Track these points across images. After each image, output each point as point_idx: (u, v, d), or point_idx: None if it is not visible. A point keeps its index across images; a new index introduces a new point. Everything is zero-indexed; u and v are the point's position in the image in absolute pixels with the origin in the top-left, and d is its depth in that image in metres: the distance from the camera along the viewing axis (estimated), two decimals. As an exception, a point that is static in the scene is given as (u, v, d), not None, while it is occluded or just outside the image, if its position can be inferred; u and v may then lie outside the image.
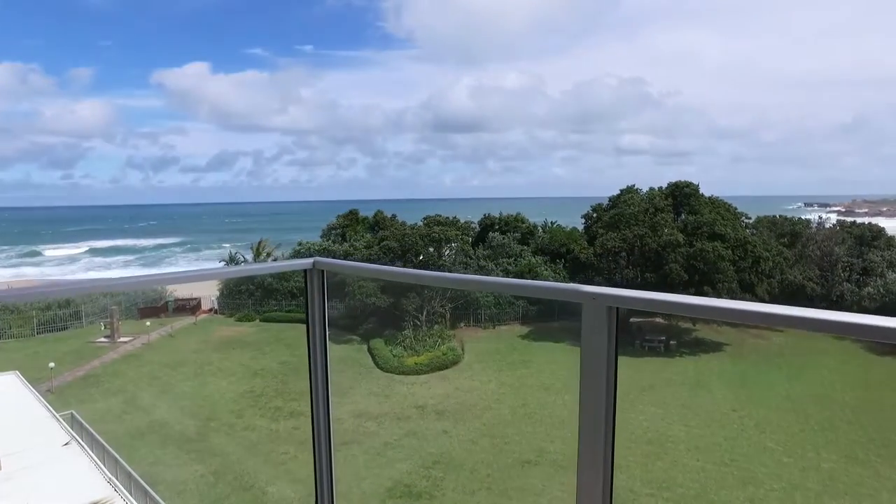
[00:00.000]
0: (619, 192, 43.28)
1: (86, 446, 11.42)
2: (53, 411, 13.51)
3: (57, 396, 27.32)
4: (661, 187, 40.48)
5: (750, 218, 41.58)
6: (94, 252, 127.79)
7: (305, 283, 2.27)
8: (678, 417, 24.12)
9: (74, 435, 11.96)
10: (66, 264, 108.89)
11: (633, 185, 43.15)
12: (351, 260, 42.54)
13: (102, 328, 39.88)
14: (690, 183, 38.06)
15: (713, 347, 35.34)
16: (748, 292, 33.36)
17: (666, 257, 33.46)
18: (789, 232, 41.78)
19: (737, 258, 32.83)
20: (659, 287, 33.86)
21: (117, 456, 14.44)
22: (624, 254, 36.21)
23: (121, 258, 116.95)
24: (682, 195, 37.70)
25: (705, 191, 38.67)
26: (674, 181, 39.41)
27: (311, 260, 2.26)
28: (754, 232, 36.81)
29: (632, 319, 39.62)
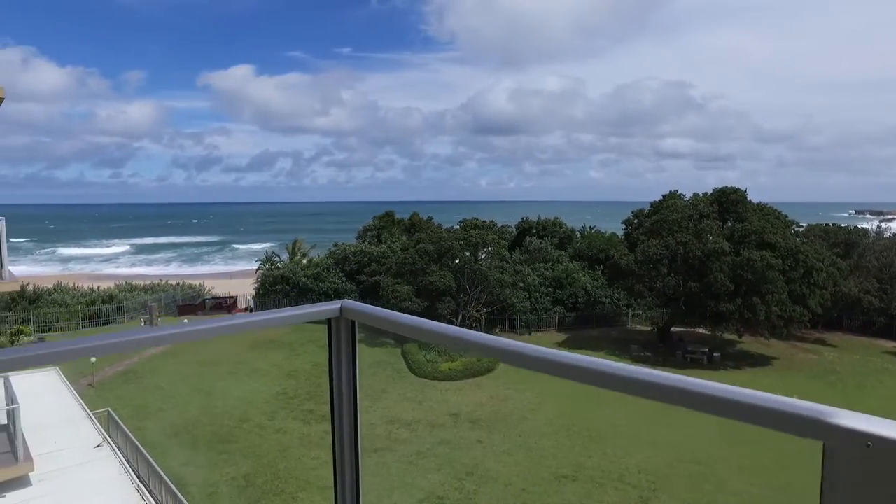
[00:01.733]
0: (661, 197, 41.93)
1: (117, 449, 11.24)
2: (88, 410, 13.44)
3: (97, 391, 27.81)
4: (705, 193, 38.96)
5: (801, 226, 39.69)
6: (137, 249, 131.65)
7: (329, 332, 1.72)
8: (722, 435, 22.87)
9: (107, 437, 11.81)
10: (111, 260, 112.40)
11: (677, 191, 41.74)
12: (386, 262, 42.33)
13: (142, 324, 40.63)
14: (738, 189, 36.48)
15: (760, 361, 33.76)
16: (799, 304, 31.68)
17: (710, 266, 32.04)
18: (844, 241, 39.72)
19: (787, 268, 31.20)
20: (703, 296, 32.48)
21: (149, 458, 14.32)
22: (665, 261, 34.90)
23: (163, 255, 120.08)
24: (728, 201, 36.14)
25: (750, 197, 37.05)
26: (720, 187, 37.88)
27: (337, 304, 1.72)
28: (805, 241, 35.00)
29: (674, 329, 38.29)
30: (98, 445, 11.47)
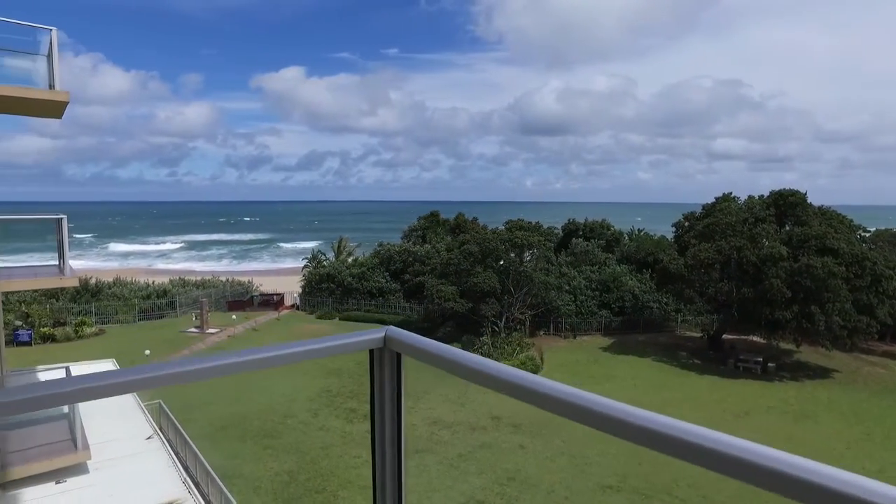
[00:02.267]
0: (713, 199, 40.46)
1: (166, 442, 11.52)
2: (141, 403, 13.86)
3: (150, 383, 28.85)
4: (761, 196, 37.40)
5: (868, 231, 37.56)
6: (190, 245, 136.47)
7: (372, 363, 1.56)
8: (780, 450, 21.82)
9: (157, 430, 12.13)
10: (166, 256, 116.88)
11: (730, 193, 40.21)
12: (430, 262, 42.34)
13: (193, 319, 41.98)
14: (797, 191, 34.82)
15: (819, 373, 32.09)
16: (866, 314, 29.94)
17: (766, 272, 30.65)
18: (916, 248, 37.36)
19: (852, 276, 29.54)
20: (758, 303, 31.11)
21: (197, 451, 14.67)
22: (717, 266, 33.62)
23: (214, 252, 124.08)
24: (786, 204, 34.55)
25: (811, 200, 35.29)
26: (777, 189, 36.27)
27: (381, 333, 1.56)
28: (873, 247, 33.11)
29: (725, 336, 36.87)
30: (149, 437, 11.80)
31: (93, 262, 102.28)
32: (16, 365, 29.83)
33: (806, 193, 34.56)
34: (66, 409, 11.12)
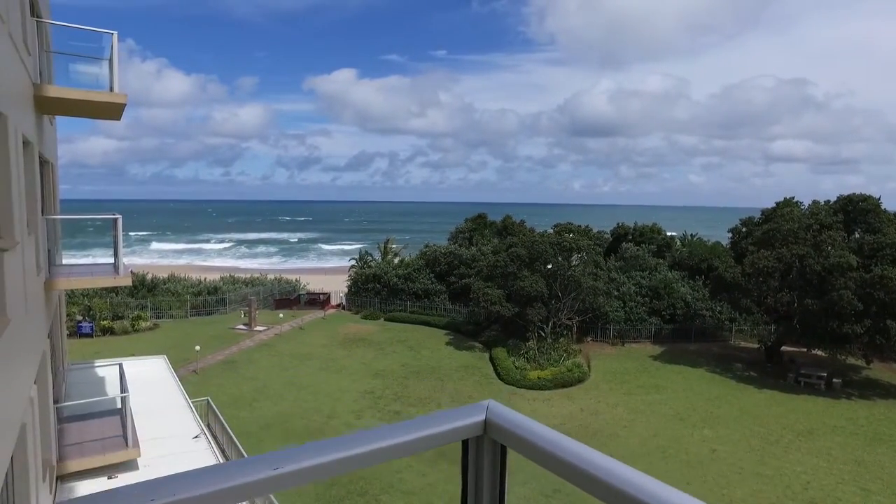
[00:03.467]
0: (773, 204, 38.58)
1: (212, 442, 11.54)
2: (189, 401, 14.00)
3: (200, 377, 29.51)
4: (827, 200, 35.38)
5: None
6: (241, 243, 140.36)
7: (465, 453, 1.19)
8: (851, 476, 20.41)
9: (204, 429, 12.18)
10: (218, 253, 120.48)
11: (792, 198, 38.26)
12: (476, 265, 41.91)
13: (242, 316, 42.87)
14: (869, 196, 32.73)
15: (893, 392, 30.01)
16: (945, 330, 27.82)
17: (833, 282, 28.86)
18: None
19: (931, 288, 27.46)
20: (823, 315, 29.34)
21: (242, 450, 14.72)
22: (777, 275, 31.90)
23: (263, 250, 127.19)
24: (856, 210, 32.52)
25: (884, 205, 33.11)
26: (845, 194, 34.20)
27: (480, 416, 1.20)
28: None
29: (784, 348, 35.01)
30: (196, 437, 11.85)
31: (149, 258, 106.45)
32: (78, 356, 31.09)
33: (880, 198, 32.45)
34: (118, 403, 11.28)
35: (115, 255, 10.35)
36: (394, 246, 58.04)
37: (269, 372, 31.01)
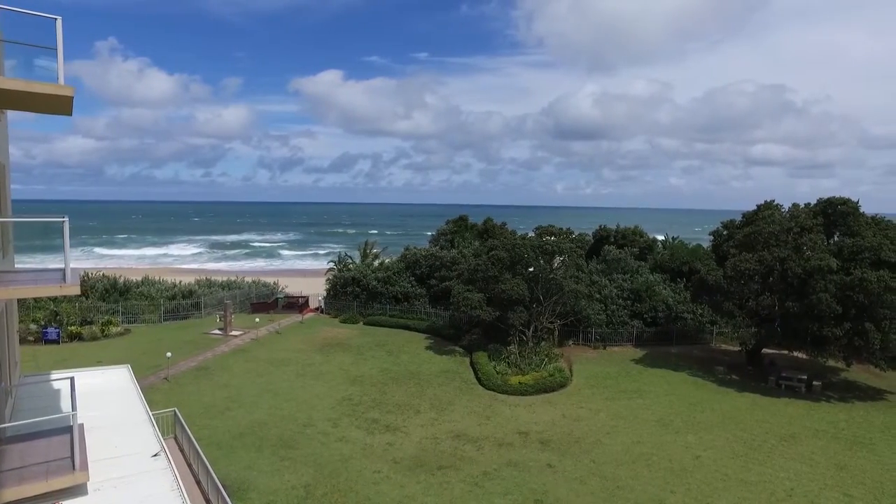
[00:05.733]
0: (755, 206, 38.59)
1: (172, 461, 10.75)
2: (151, 415, 13.18)
3: (172, 385, 28.48)
4: (807, 203, 35.42)
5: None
6: (218, 245, 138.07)
7: None
8: (833, 481, 20.18)
9: (165, 446, 11.38)
10: (194, 255, 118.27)
11: (773, 200, 38.31)
12: (457, 268, 41.32)
13: (217, 320, 41.75)
14: (848, 199, 32.81)
15: (871, 394, 30.08)
16: (923, 333, 27.90)
17: (813, 285, 28.80)
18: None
19: (909, 291, 27.51)
20: (804, 318, 29.27)
21: (209, 467, 13.93)
22: (759, 277, 31.81)
23: (241, 252, 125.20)
24: (836, 213, 32.56)
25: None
26: (825, 197, 34.25)
27: None
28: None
29: (764, 351, 35.00)
30: (156, 455, 11.06)
31: (121, 261, 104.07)
32: (41, 365, 29.82)
33: (858, 201, 32.55)
34: (69, 420, 10.45)
35: (64, 260, 9.54)
36: (375, 250, 57.25)
37: (244, 378, 30.08)
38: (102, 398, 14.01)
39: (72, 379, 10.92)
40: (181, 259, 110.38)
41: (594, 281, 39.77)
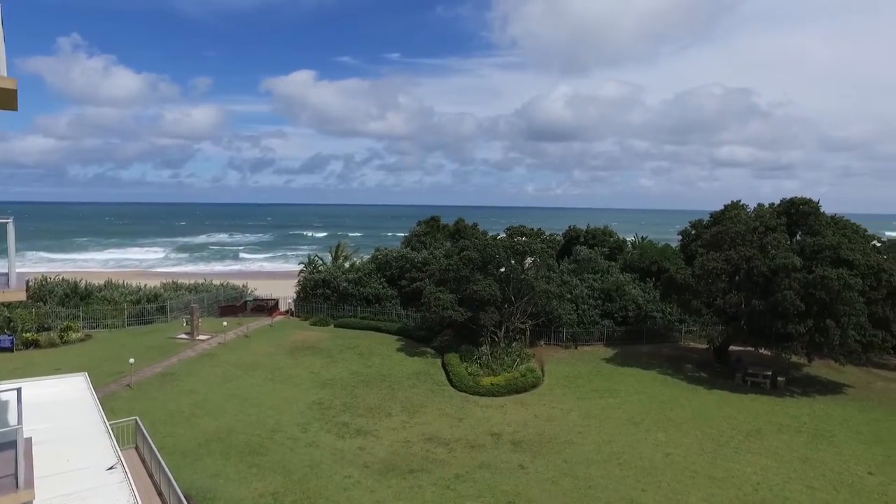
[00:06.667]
0: (722, 207, 39.30)
1: (129, 475, 10.28)
2: (108, 426, 12.63)
3: (135, 392, 27.59)
4: (771, 203, 36.22)
5: (881, 241, 36.40)
6: (185, 248, 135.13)
7: None
8: (797, 474, 20.57)
9: (122, 458, 10.89)
10: (160, 258, 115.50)
11: (739, 201, 39.07)
12: (428, 269, 41.12)
13: (184, 324, 40.71)
14: (809, 199, 33.63)
15: (831, 388, 30.87)
16: (882, 328, 28.74)
17: (778, 283, 29.42)
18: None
19: (867, 288, 28.33)
20: (768, 316, 29.85)
21: (171, 477, 13.42)
22: (725, 276, 32.37)
23: (208, 254, 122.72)
24: (798, 213, 33.33)
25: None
26: (788, 197, 35.06)
27: None
28: (886, 257, 31.85)
29: (731, 348, 35.64)
30: (111, 468, 10.57)
31: (84, 265, 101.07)
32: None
33: (819, 202, 33.39)
34: (14, 434, 9.90)
35: (9, 264, 9.03)
36: (346, 252, 56.64)
37: (211, 384, 29.33)
38: (55, 409, 13.39)
39: (18, 389, 10.36)
40: (147, 262, 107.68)
41: (565, 281, 39.98)
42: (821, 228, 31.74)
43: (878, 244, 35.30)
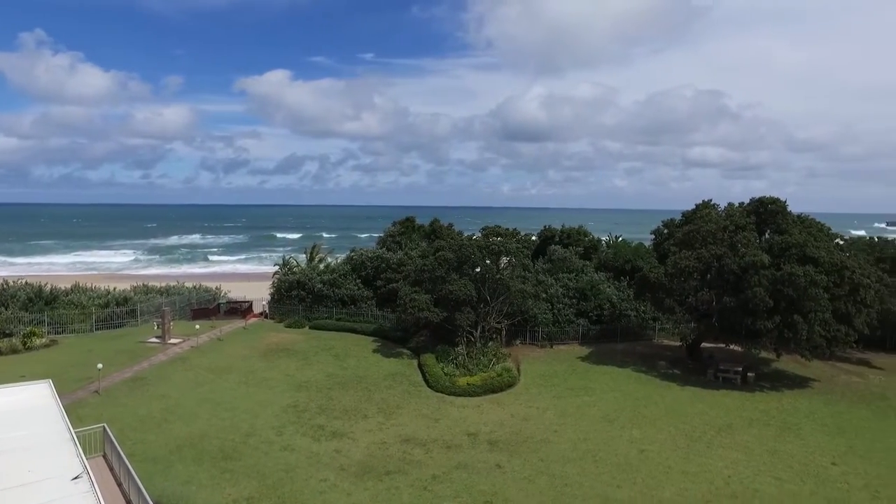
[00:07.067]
0: (693, 206, 40.03)
1: (95, 484, 10.00)
2: (73, 433, 12.28)
3: (103, 398, 26.91)
4: (741, 203, 37.00)
5: (844, 239, 37.46)
6: (156, 250, 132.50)
7: None
8: (766, 467, 21.04)
9: (88, 466, 10.59)
10: (131, 261, 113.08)
11: (710, 200, 39.84)
12: (404, 269, 41.00)
13: (155, 328, 39.89)
14: (777, 199, 34.44)
15: (798, 382, 31.67)
16: (844, 323, 29.56)
17: (748, 280, 30.05)
18: (891, 256, 37.34)
19: (831, 284, 29.11)
20: (739, 313, 30.45)
21: (140, 485, 13.11)
22: (697, 275, 32.95)
23: (181, 256, 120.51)
24: (766, 212, 34.10)
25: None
26: (757, 197, 35.85)
27: None
28: (848, 255, 32.79)
29: (703, 345, 36.30)
30: (76, 477, 10.27)
31: (53, 268, 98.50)
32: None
33: (786, 201, 34.20)
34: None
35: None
36: (321, 254, 56.16)
37: (183, 388, 28.77)
38: (17, 417, 12.98)
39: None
40: (116, 265, 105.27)
41: (540, 280, 40.24)
42: (788, 227, 32.52)
43: (841, 242, 36.32)
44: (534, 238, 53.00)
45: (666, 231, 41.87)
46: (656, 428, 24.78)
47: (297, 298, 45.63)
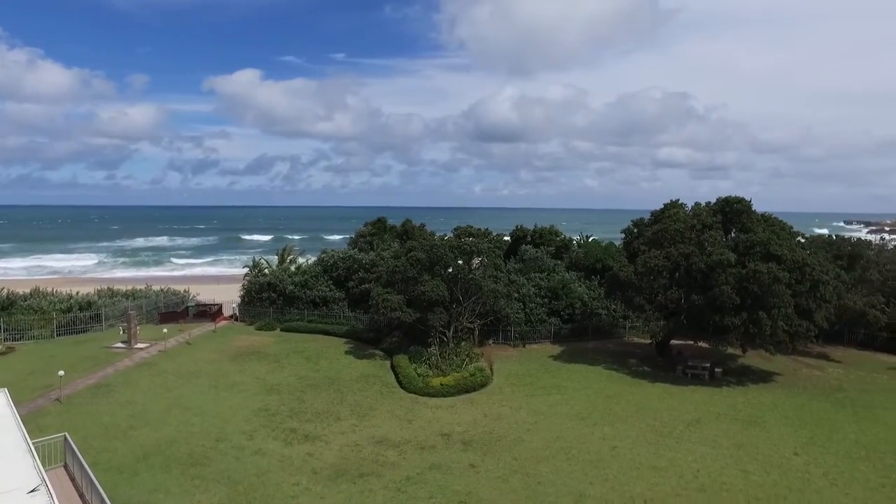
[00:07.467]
0: (662, 206, 40.73)
1: (54, 496, 9.67)
2: (31, 444, 11.86)
3: (65, 407, 26.09)
4: (708, 202, 37.79)
5: (805, 237, 38.57)
6: (121, 252, 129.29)
7: None
8: (733, 460, 21.53)
9: (46, 479, 10.23)
10: (96, 264, 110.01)
11: (678, 200, 40.60)
12: (376, 270, 40.78)
13: (121, 332, 38.87)
14: (742, 198, 35.26)
15: (763, 377, 32.51)
16: (806, 318, 30.44)
17: (715, 278, 30.73)
18: (847, 253, 38.60)
19: (793, 281, 29.96)
20: (707, 310, 31.10)
21: (104, 495, 12.73)
22: (666, 273, 33.55)
23: (147, 259, 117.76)
24: (732, 211, 34.89)
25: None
26: (723, 196, 36.65)
27: None
28: (809, 252, 33.79)
29: (672, 342, 36.99)
30: (33, 490, 9.91)
31: (10, 273, 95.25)
32: None
33: (751, 201, 35.04)
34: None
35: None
36: (292, 255, 55.48)
37: (150, 394, 28.08)
38: (-27, 427, 12.49)
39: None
40: (79, 268, 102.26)
41: (512, 280, 40.46)
42: (753, 226, 33.33)
43: (803, 240, 37.39)
44: (506, 238, 53.30)
45: (636, 230, 42.51)
46: (627, 424, 25.13)
47: (268, 300, 45.00)
